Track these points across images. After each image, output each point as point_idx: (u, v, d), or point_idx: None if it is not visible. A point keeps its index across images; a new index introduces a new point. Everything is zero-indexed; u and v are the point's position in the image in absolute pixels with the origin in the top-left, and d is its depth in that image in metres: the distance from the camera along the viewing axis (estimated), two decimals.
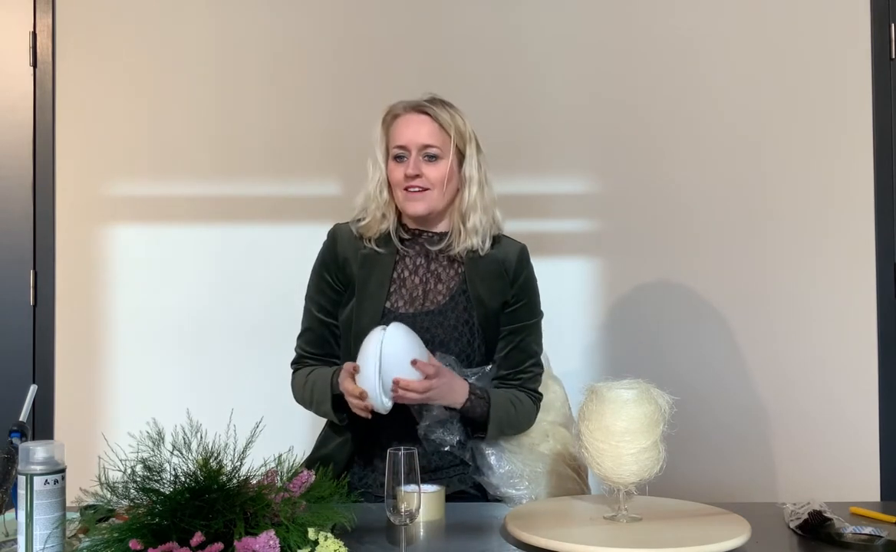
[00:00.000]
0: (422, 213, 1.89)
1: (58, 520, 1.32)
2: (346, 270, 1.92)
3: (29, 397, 1.57)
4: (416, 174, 1.86)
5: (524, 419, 1.91)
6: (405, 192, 1.88)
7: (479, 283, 1.90)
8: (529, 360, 1.93)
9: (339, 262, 1.93)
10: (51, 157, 2.80)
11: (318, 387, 1.86)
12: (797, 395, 2.74)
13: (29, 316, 2.80)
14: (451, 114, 1.89)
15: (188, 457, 1.31)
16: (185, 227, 2.82)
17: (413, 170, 1.86)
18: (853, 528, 1.52)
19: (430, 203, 1.88)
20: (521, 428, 1.91)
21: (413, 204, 1.88)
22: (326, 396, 1.83)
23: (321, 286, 1.95)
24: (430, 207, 1.88)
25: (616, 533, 1.50)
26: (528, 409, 1.91)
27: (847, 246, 2.75)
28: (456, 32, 2.81)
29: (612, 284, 2.80)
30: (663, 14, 2.80)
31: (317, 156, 2.80)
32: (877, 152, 2.75)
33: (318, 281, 1.95)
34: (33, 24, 2.82)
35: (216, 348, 2.79)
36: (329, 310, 1.93)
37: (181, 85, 2.82)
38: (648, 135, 2.79)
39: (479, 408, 1.82)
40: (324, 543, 1.28)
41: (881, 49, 2.75)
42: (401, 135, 1.89)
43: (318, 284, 1.95)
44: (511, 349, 1.92)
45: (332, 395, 1.82)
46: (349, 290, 1.91)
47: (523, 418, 1.90)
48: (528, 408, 1.91)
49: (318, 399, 1.86)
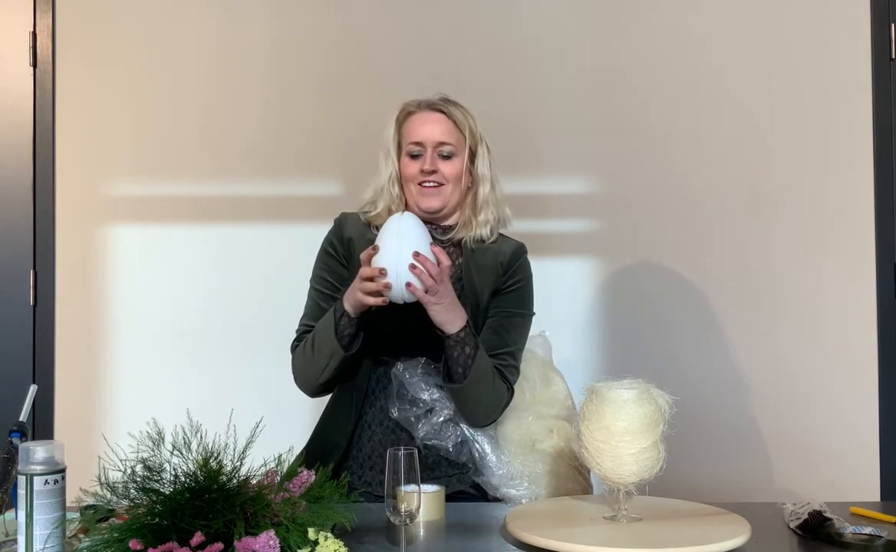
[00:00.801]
0: (437, 207, 1.92)
1: (58, 520, 1.32)
2: (350, 249, 1.95)
3: (29, 397, 1.57)
4: (433, 170, 1.90)
5: (496, 397, 1.85)
6: (420, 187, 1.91)
7: (474, 275, 1.93)
8: (504, 348, 1.90)
9: (345, 241, 1.96)
10: (51, 157, 2.80)
11: (320, 328, 1.84)
12: (797, 395, 2.74)
13: (29, 316, 2.80)
14: (463, 113, 1.95)
15: (188, 457, 1.31)
16: (185, 226, 2.82)
17: (430, 166, 1.90)
18: (853, 528, 1.52)
19: (444, 198, 1.92)
20: (491, 404, 1.85)
21: (428, 199, 1.92)
22: (329, 325, 1.81)
23: (327, 262, 1.97)
24: (444, 202, 1.93)
25: (616, 533, 1.50)
26: (500, 391, 1.86)
27: (847, 246, 2.75)
28: (456, 31, 2.81)
29: (613, 284, 2.80)
30: (663, 14, 2.80)
31: (316, 155, 2.81)
32: (877, 152, 2.75)
33: (323, 257, 1.98)
34: (33, 24, 2.82)
35: (216, 348, 2.79)
36: (334, 286, 1.94)
37: (181, 85, 2.83)
38: (648, 134, 2.79)
39: (468, 346, 1.80)
40: (324, 543, 1.28)
41: (881, 49, 2.76)
42: (416, 132, 1.92)
43: (324, 261, 1.98)
44: (488, 332, 1.91)
45: (336, 320, 1.80)
46: (352, 270, 1.91)
47: (496, 395, 1.85)
48: (500, 390, 1.86)
49: (319, 341, 1.84)
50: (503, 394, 1.88)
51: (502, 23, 2.81)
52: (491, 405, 1.86)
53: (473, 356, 1.80)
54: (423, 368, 1.86)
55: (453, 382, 1.82)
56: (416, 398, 1.85)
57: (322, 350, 1.84)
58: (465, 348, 1.80)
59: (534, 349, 2.06)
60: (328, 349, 1.82)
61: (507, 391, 1.89)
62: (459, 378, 1.81)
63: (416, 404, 1.85)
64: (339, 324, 1.80)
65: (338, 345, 1.81)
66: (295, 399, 1.98)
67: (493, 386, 1.85)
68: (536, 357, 2.06)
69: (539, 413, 1.95)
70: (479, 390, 1.82)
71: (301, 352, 1.91)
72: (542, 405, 1.96)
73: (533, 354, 2.05)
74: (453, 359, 1.80)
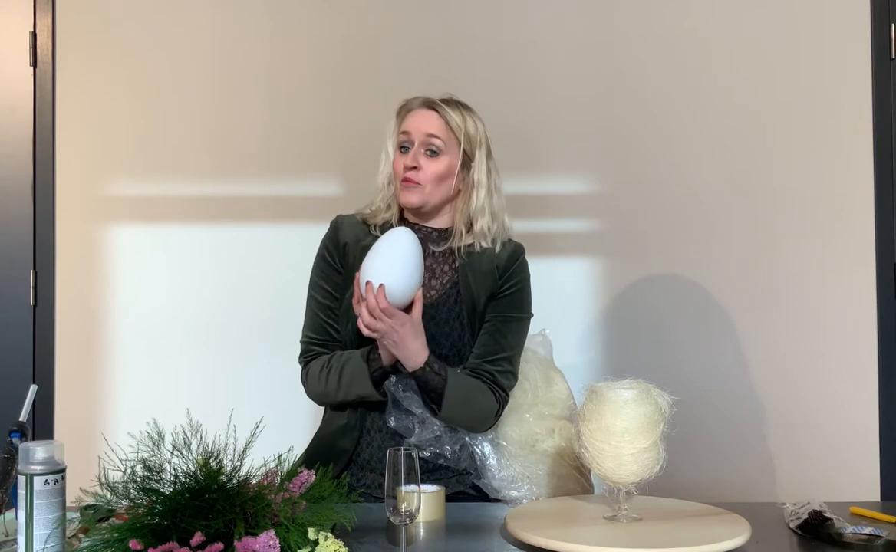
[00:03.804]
0: (414, 204, 1.90)
1: (58, 520, 1.32)
2: (346, 255, 1.94)
3: (29, 397, 1.57)
4: (413, 166, 1.88)
5: (482, 412, 1.86)
6: (402, 182, 1.90)
7: (471, 279, 1.91)
8: (500, 353, 1.89)
9: (340, 246, 1.95)
10: (51, 157, 2.80)
11: (354, 372, 1.85)
12: (797, 395, 2.74)
13: (29, 316, 2.80)
14: (463, 115, 1.92)
15: (188, 457, 1.31)
16: (185, 226, 2.82)
17: (411, 161, 1.88)
18: (853, 528, 1.52)
19: (421, 196, 1.89)
20: (478, 419, 1.86)
21: (406, 195, 1.90)
22: (363, 373, 1.83)
23: (324, 269, 1.96)
24: (422, 200, 1.90)
25: (616, 533, 1.50)
26: (486, 406, 1.86)
27: (847, 246, 2.75)
28: (457, 32, 2.81)
29: (613, 284, 2.80)
30: (663, 14, 2.80)
31: (317, 155, 2.81)
32: (877, 152, 2.75)
33: (320, 265, 1.97)
34: (33, 24, 2.82)
35: (216, 347, 2.79)
36: (333, 295, 1.94)
37: (181, 85, 2.82)
38: (649, 134, 2.79)
39: (431, 381, 1.80)
40: (324, 543, 1.28)
41: (881, 49, 2.76)
42: (407, 124, 1.92)
43: (321, 268, 1.97)
44: (485, 336, 1.91)
45: (371, 372, 1.82)
46: (348, 277, 1.92)
47: (481, 412, 1.85)
48: (486, 405, 1.86)
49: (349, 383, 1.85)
50: (490, 407, 1.87)
51: (503, 23, 2.81)
52: (475, 421, 1.87)
53: (442, 389, 1.80)
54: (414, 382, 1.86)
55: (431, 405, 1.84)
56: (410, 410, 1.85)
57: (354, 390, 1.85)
58: (430, 382, 1.81)
59: (534, 348, 2.06)
60: (363, 392, 1.85)
61: (499, 399, 1.88)
62: (433, 406, 1.83)
63: (411, 413, 1.85)
64: (373, 375, 1.83)
65: (375, 392, 1.84)
66: (295, 399, 1.98)
67: (475, 404, 1.84)
68: (537, 356, 2.05)
69: (541, 413, 1.94)
70: (459, 413, 1.83)
71: (323, 380, 1.89)
72: (544, 405, 1.96)
73: (534, 353, 2.04)
74: (423, 390, 1.83)
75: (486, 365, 1.88)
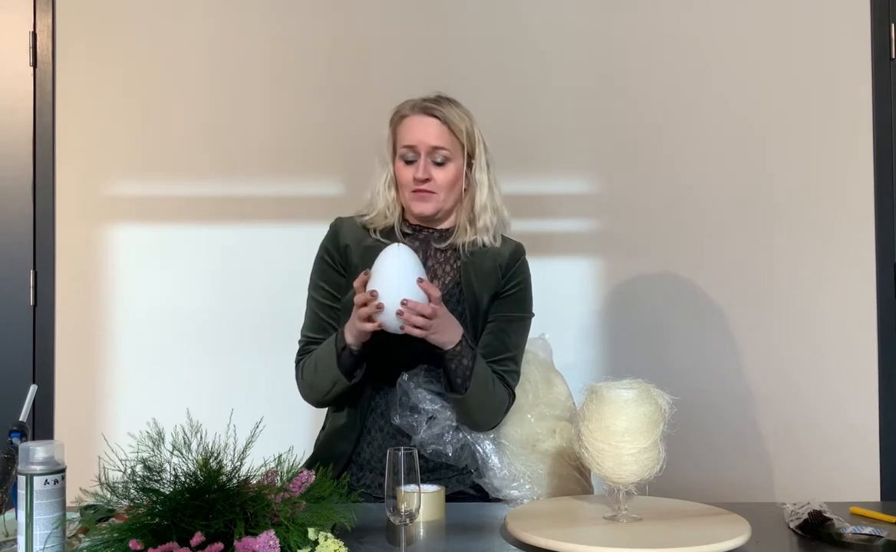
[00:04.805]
0: (429, 213, 1.91)
1: (58, 520, 1.32)
2: (347, 256, 1.94)
3: (29, 397, 1.57)
4: (426, 178, 1.87)
5: (497, 402, 1.85)
6: (413, 192, 1.89)
7: (473, 278, 1.91)
8: (506, 353, 1.90)
9: (341, 248, 1.95)
10: (51, 157, 2.80)
11: (322, 352, 1.84)
12: (797, 395, 2.74)
13: (29, 316, 2.80)
14: (460, 115, 1.91)
15: (188, 457, 1.31)
16: (186, 226, 2.82)
17: (423, 174, 1.87)
18: (853, 528, 1.52)
19: (437, 204, 1.90)
20: (492, 410, 1.85)
21: (420, 205, 1.90)
22: (332, 353, 1.81)
23: (324, 270, 1.96)
24: (437, 208, 1.91)
25: (616, 533, 1.50)
26: (501, 396, 1.86)
27: (847, 246, 2.75)
28: (457, 32, 2.81)
29: (613, 284, 2.80)
30: (663, 14, 2.80)
31: (317, 155, 2.81)
32: (877, 152, 2.75)
33: (320, 266, 1.97)
34: (33, 24, 2.82)
35: (216, 348, 2.79)
36: (333, 295, 1.94)
37: (181, 85, 2.82)
38: (649, 134, 2.79)
39: (465, 358, 1.79)
40: (324, 543, 1.28)
41: (881, 49, 2.76)
42: (409, 135, 1.89)
43: (321, 269, 1.96)
44: (489, 336, 1.91)
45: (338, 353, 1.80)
46: (349, 277, 1.91)
47: (496, 401, 1.85)
48: (501, 395, 1.86)
49: (322, 367, 1.84)
50: (504, 400, 1.87)
51: (503, 23, 2.81)
52: (492, 411, 1.86)
53: (472, 367, 1.80)
54: (425, 376, 1.86)
55: (454, 392, 1.82)
56: (419, 407, 1.85)
57: (326, 376, 1.84)
58: (463, 360, 1.80)
59: (535, 352, 2.06)
60: (332, 376, 1.83)
61: (509, 396, 1.89)
62: (459, 388, 1.81)
63: (418, 411, 1.85)
64: (340, 356, 1.81)
65: (341, 375, 1.81)
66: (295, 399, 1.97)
67: (493, 392, 1.84)
68: (538, 359, 2.06)
69: (542, 413, 1.95)
70: (479, 399, 1.82)
71: (306, 373, 1.90)
72: (545, 406, 1.96)
73: (534, 356, 2.05)
74: (452, 371, 1.81)
75: (492, 365, 1.88)
